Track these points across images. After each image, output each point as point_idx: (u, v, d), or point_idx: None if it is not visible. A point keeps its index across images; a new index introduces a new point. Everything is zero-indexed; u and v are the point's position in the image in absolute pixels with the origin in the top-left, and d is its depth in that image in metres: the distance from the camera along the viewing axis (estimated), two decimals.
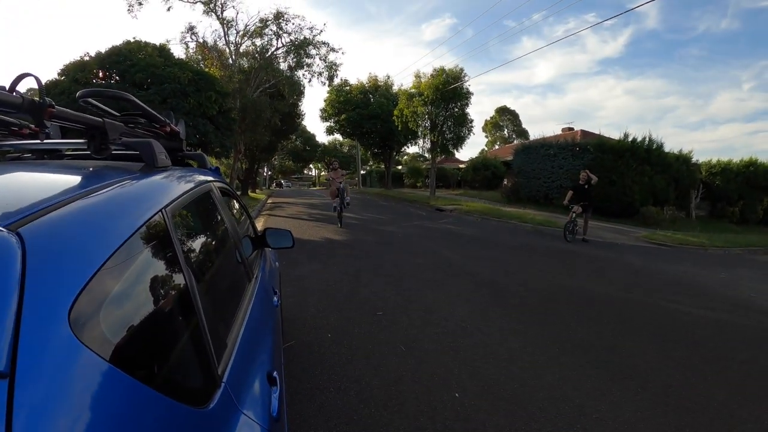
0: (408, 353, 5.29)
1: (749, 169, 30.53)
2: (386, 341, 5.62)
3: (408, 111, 33.42)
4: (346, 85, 47.10)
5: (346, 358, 5.09)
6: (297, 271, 9.16)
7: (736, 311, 8.04)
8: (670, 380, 4.95)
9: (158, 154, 2.05)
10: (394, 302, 7.27)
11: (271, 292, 3.22)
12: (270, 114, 28.35)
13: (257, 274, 3.11)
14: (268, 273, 3.71)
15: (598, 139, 29.14)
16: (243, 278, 2.69)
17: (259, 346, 2.23)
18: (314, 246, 12.38)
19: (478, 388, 4.52)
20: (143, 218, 1.40)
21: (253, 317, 2.34)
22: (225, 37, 27.13)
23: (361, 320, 6.34)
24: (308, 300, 7.22)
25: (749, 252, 18.51)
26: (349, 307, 6.93)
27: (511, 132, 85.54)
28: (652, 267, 12.14)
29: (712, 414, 4.29)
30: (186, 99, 19.68)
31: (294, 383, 4.46)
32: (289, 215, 21.26)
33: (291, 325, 6.02)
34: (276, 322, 2.95)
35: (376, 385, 4.50)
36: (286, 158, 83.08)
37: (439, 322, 6.42)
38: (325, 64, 30.13)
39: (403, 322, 6.33)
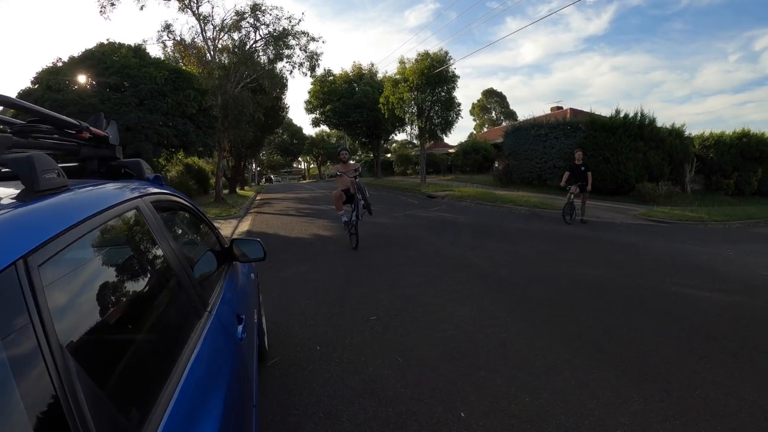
0: (405, 365, 4.78)
1: (742, 140, 30.37)
2: (381, 351, 5.11)
3: (394, 98, 33.02)
4: (329, 75, 46.74)
5: (338, 375, 4.56)
6: (284, 272, 8.69)
7: (750, 293, 7.63)
8: (695, 379, 4.47)
9: (42, 173, 1.48)
10: (388, 304, 6.77)
11: (232, 324, 2.64)
12: (253, 109, 27.77)
13: (215, 302, 2.57)
14: (236, 295, 3.19)
15: (589, 116, 28.66)
16: (188, 315, 2.16)
17: (205, 409, 1.71)
18: (303, 244, 11.97)
19: (485, 404, 4.00)
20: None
21: (198, 370, 1.82)
22: (202, 33, 26.46)
23: (352, 328, 5.82)
24: (295, 306, 6.71)
25: (749, 225, 18.42)
26: (339, 312, 6.41)
27: (499, 114, 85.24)
28: (655, 247, 11.80)
29: (744, 417, 3.81)
30: (164, 99, 19.28)
31: (279, 410, 3.96)
32: (277, 211, 20.77)
33: (276, 338, 5.52)
34: (237, 366, 2.39)
35: (371, 406, 3.98)
36: (274, 153, 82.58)
37: (438, 324, 5.91)
38: (306, 54, 29.51)
39: (398, 328, 5.82)
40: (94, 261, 1.59)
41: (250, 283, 4.19)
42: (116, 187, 2.08)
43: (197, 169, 33.24)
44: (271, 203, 26.01)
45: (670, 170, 27.41)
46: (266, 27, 27.41)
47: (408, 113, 33.56)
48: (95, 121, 2.51)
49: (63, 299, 1.27)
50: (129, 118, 17.82)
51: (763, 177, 31.23)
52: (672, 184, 28.06)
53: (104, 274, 1.65)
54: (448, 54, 31.91)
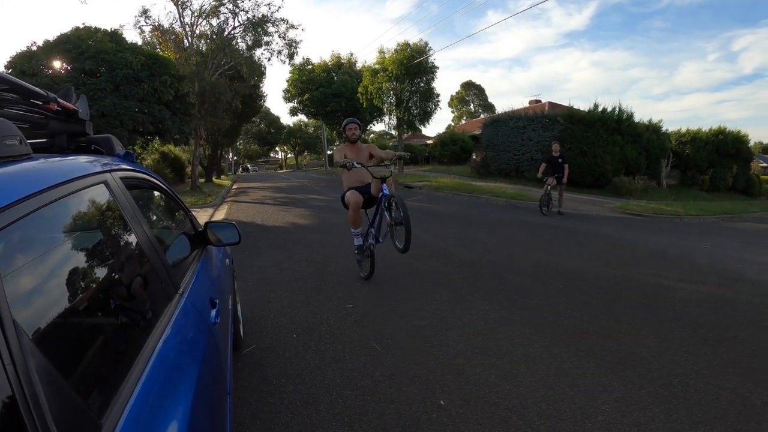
0: (384, 353, 4.70)
1: (718, 137, 31.20)
2: (359, 339, 5.03)
3: (372, 87, 32.93)
4: (308, 63, 46.54)
5: (314, 363, 4.47)
6: (260, 261, 8.58)
7: (726, 284, 7.67)
8: (674, 368, 4.45)
9: (1, 138, 1.36)
10: (366, 292, 6.71)
11: (205, 308, 2.53)
12: (230, 97, 27.50)
13: (187, 285, 2.46)
14: (210, 279, 3.09)
15: (567, 110, 28.83)
16: (158, 297, 2.06)
17: (174, 394, 1.61)
18: (279, 232, 11.83)
19: (465, 392, 3.93)
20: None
21: (167, 353, 1.73)
22: (180, 19, 26.10)
23: (329, 315, 5.74)
24: (271, 295, 6.61)
25: (724, 219, 18.68)
26: (316, 300, 6.32)
27: (478, 106, 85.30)
28: (632, 239, 11.85)
29: (725, 405, 3.80)
30: (139, 85, 19.03)
31: (254, 398, 3.87)
32: (253, 200, 20.62)
33: (252, 325, 5.43)
34: (210, 351, 2.27)
35: (349, 395, 3.90)
36: (252, 142, 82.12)
37: (416, 312, 5.85)
38: (285, 41, 29.23)
39: (376, 315, 5.75)
40: (54, 235, 1.47)
41: (224, 269, 4.08)
42: (85, 160, 1.96)
43: (173, 158, 32.84)
44: (248, 192, 25.84)
45: (647, 165, 27.73)
46: (245, 13, 27.11)
47: (386, 103, 33.47)
48: (65, 95, 2.38)
49: (18, 275, 1.16)
50: (104, 104, 17.59)
51: (738, 174, 31.97)
52: (648, 178, 28.53)
53: (66, 250, 1.54)
54: (427, 45, 31.90)
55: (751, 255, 10.59)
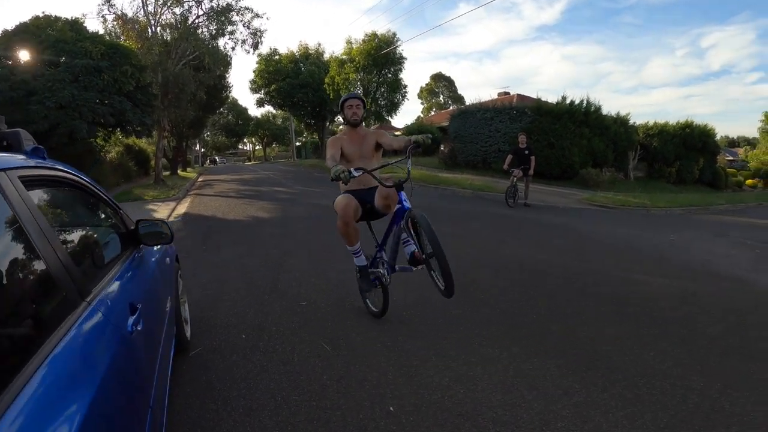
0: (334, 354, 4.49)
1: (685, 131, 31.84)
2: (309, 339, 4.81)
3: (339, 78, 32.92)
4: (275, 54, 46.31)
5: (261, 366, 4.25)
6: (217, 256, 8.33)
7: (694, 278, 7.66)
8: (639, 367, 4.31)
9: None
10: (321, 289, 6.50)
11: (120, 315, 2.29)
12: (194, 87, 26.98)
13: (99, 291, 2.24)
14: (134, 281, 2.84)
15: (535, 102, 28.92)
16: (55, 309, 1.83)
17: (55, 416, 1.41)
18: (239, 226, 11.59)
19: (416, 397, 3.73)
20: None
21: (55, 370, 1.52)
22: (144, 8, 25.54)
23: (281, 314, 5.52)
24: (225, 292, 6.36)
25: (690, 212, 18.92)
26: (269, 298, 6.09)
27: (447, 98, 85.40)
28: (599, 231, 11.85)
29: (692, 407, 3.66)
30: (99, 75, 18.48)
31: (197, 405, 3.64)
32: (217, 193, 20.30)
33: (201, 327, 5.16)
34: (121, 364, 2.05)
35: (294, 400, 3.67)
36: (219, 134, 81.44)
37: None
38: (249, 31, 28.79)
39: (330, 314, 5.55)
40: None
41: (163, 269, 3.83)
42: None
43: (138, 150, 32.32)
44: (213, 185, 25.48)
45: (614, 157, 28.06)
46: (210, 1, 26.69)
47: None
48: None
49: None
50: (63, 96, 17.10)
51: (704, 166, 32.76)
52: (616, 170, 28.93)
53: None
54: (395, 35, 31.90)
55: (718, 247, 10.65)
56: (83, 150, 19.86)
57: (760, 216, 19.32)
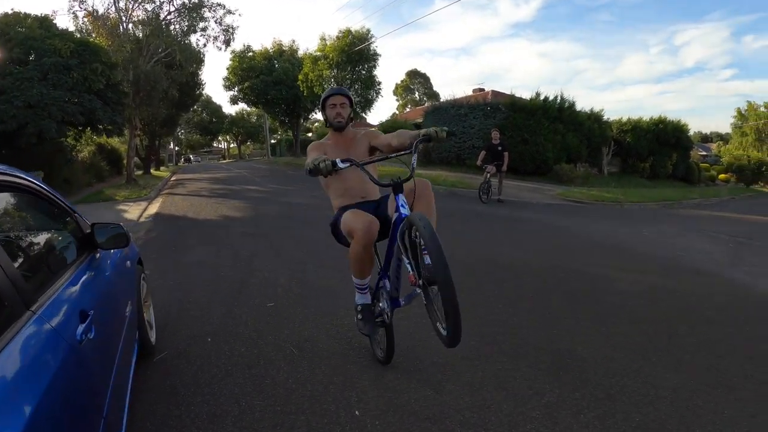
0: (300, 357, 4.41)
1: (659, 126, 32.35)
2: (275, 342, 4.72)
3: (313, 75, 32.89)
4: (249, 51, 46.19)
5: (226, 370, 4.16)
6: (185, 257, 8.21)
7: (667, 273, 7.68)
8: (612, 367, 4.27)
9: None
10: (289, 290, 6.39)
11: (68, 323, 2.19)
12: (166, 85, 26.68)
13: (46, 300, 2.14)
14: (87, 288, 2.74)
15: (510, 98, 29.02)
16: None
17: None
18: (209, 226, 11.49)
19: (383, 400, 3.67)
20: None
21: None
22: (115, 4, 25.23)
23: (248, 316, 5.42)
24: (192, 294, 6.24)
25: (664, 206, 19.11)
26: (237, 300, 5.99)
27: (422, 95, 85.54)
28: (572, 227, 11.87)
29: (665, 407, 3.63)
30: (69, 73, 18.16)
31: (160, 412, 3.55)
32: (189, 192, 20.12)
33: (166, 330, 5.06)
34: (68, 374, 1.96)
35: (259, 405, 3.59)
36: (193, 132, 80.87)
37: (339, 312, 5.55)
38: (221, 27, 28.59)
39: (297, 316, 5.45)
40: None
41: (122, 273, 3.73)
42: None
43: (110, 150, 31.99)
44: (185, 184, 25.30)
45: (588, 153, 28.29)
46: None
47: None
48: None
49: None
50: (31, 94, 16.81)
51: (677, 161, 33.26)
52: (589, 166, 29.17)
53: None
54: (369, 32, 31.94)
55: (691, 242, 10.72)
56: (53, 150, 19.57)
57: (733, 210, 19.58)
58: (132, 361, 3.48)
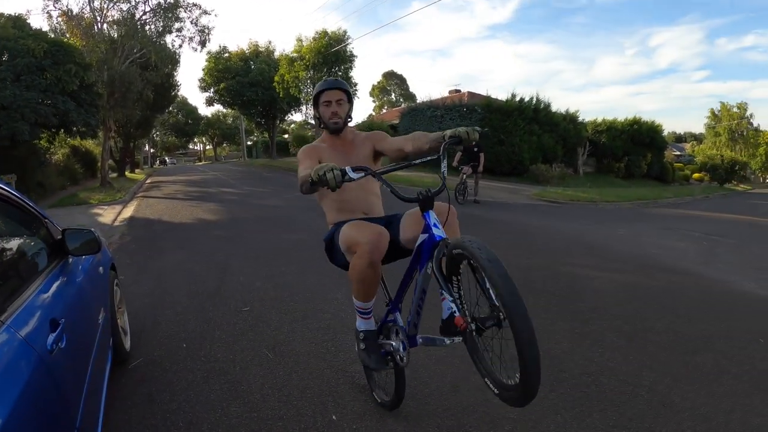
0: (276, 361, 4.38)
1: (633, 127, 33.01)
2: (251, 347, 4.68)
3: (289, 76, 32.86)
4: (225, 51, 45.99)
5: (202, 377, 4.11)
6: (160, 262, 8.13)
7: (642, 271, 7.77)
8: (588, 366, 4.28)
9: None
10: (265, 293, 6.35)
11: (37, 333, 2.15)
12: (141, 86, 26.35)
13: (15, 309, 2.10)
14: (58, 295, 2.70)
15: (486, 100, 29.20)
16: None
17: None
18: (185, 229, 11.42)
19: (359, 404, 3.66)
20: None
21: None
22: (90, 4, 24.93)
23: (223, 321, 5.37)
24: (167, 299, 6.17)
25: (639, 205, 19.35)
26: (211, 304, 5.93)
27: (399, 96, 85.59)
28: (548, 227, 11.96)
29: (642, 405, 3.64)
30: (42, 74, 17.90)
31: (135, 420, 3.50)
32: (165, 195, 20.05)
33: (141, 336, 4.99)
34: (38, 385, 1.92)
35: (235, 412, 3.55)
36: (169, 134, 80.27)
37: (315, 314, 5.54)
38: (197, 28, 28.43)
39: (272, 319, 5.41)
40: None
41: (95, 279, 3.68)
42: None
43: (84, 152, 31.59)
44: (161, 187, 25.12)
45: (564, 153, 28.60)
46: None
47: (303, 92, 33.35)
48: None
49: None
50: (4, 96, 16.55)
51: (652, 161, 33.87)
52: (565, 166, 29.45)
53: None
54: (346, 33, 31.95)
55: (666, 240, 10.86)
56: (27, 153, 19.27)
57: (707, 208, 19.85)
58: (106, 369, 3.43)
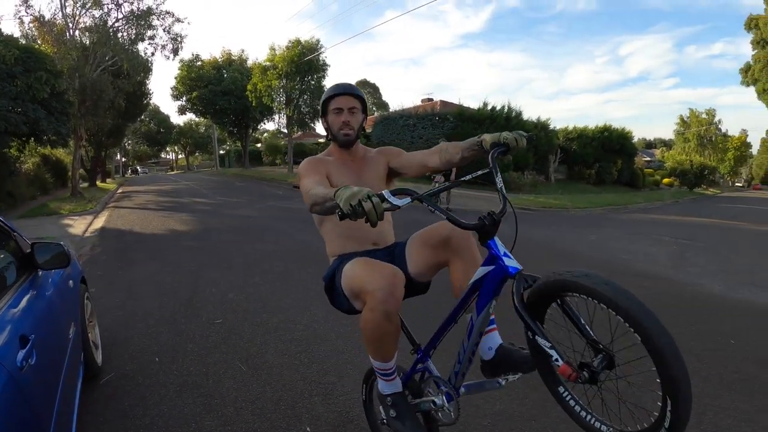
0: (249, 373, 4.37)
1: (604, 134, 33.46)
2: (224, 360, 4.66)
3: (262, 85, 32.78)
4: (197, 60, 45.76)
5: (175, 390, 4.08)
6: (132, 273, 8.05)
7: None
8: None
9: None
10: (237, 305, 6.33)
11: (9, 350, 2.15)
12: (113, 94, 26.11)
13: None
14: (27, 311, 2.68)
15: (458, 108, 29.53)
16: None
17: None
18: (157, 240, 11.33)
19: (333, 415, 3.67)
20: None
21: None
22: (62, 10, 24.63)
23: (196, 333, 5.33)
24: (139, 311, 6.11)
25: (609, 211, 19.54)
26: (184, 317, 5.89)
27: (372, 105, 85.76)
28: (521, 234, 11.84)
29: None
30: (13, 81, 17.64)
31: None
32: (136, 205, 19.90)
33: (113, 350, 4.93)
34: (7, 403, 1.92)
35: (208, 426, 3.53)
36: (141, 143, 79.61)
37: (288, 325, 5.54)
38: (170, 36, 28.24)
39: (245, 331, 5.39)
40: None
41: (65, 293, 3.65)
42: None
43: (55, 161, 31.18)
44: (132, 197, 24.94)
45: (535, 161, 28.90)
46: (130, 4, 25.97)
47: (276, 101, 33.27)
48: None
49: None
50: None
51: (622, 167, 34.27)
52: (537, 173, 29.69)
53: None
54: (319, 42, 31.95)
55: (636, 245, 11.01)
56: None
57: (676, 213, 20.16)
58: (77, 384, 3.40)
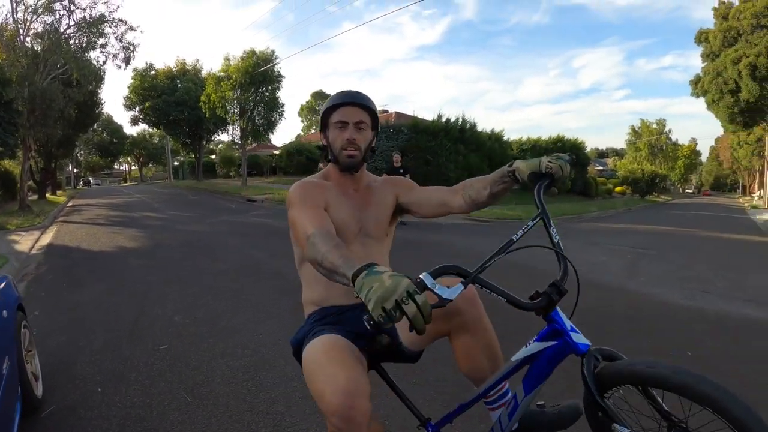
0: (195, 404, 4.19)
1: (557, 144, 34.45)
2: (168, 389, 4.47)
3: (216, 96, 32.49)
4: (151, 69, 45.25)
5: (117, 424, 3.89)
6: (77, 295, 7.79)
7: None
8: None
9: None
10: (184, 328, 6.14)
11: None
12: (63, 104, 25.55)
13: None
14: None
15: (413, 120, 29.82)
16: None
17: None
18: (105, 258, 11.06)
19: None
20: None
21: None
22: (13, 15, 24.05)
23: (140, 361, 5.13)
24: (83, 337, 5.86)
25: (564, 221, 19.84)
26: (129, 342, 5.67)
27: None
28: (475, 246, 12.11)
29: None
30: None
31: None
32: (86, 220, 19.47)
33: (55, 380, 4.69)
34: None
35: None
36: (93, 153, 78.31)
37: (236, 350, 5.37)
38: (122, 44, 27.92)
39: (191, 358, 5.21)
40: None
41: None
42: None
43: (3, 173, 30.40)
44: (82, 211, 24.50)
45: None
46: (82, 11, 25.51)
47: (230, 113, 33.05)
48: None
49: None
50: None
51: (575, 177, 34.55)
52: None
53: None
54: (274, 53, 31.84)
55: (591, 255, 11.27)
56: None
57: (629, 221, 20.55)
58: (15, 420, 3.26)
